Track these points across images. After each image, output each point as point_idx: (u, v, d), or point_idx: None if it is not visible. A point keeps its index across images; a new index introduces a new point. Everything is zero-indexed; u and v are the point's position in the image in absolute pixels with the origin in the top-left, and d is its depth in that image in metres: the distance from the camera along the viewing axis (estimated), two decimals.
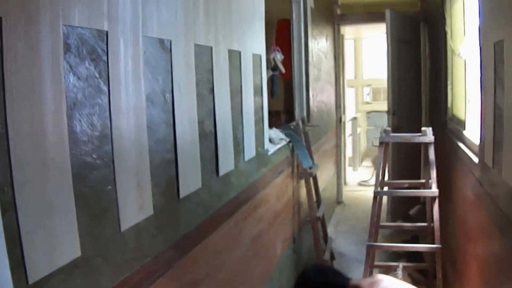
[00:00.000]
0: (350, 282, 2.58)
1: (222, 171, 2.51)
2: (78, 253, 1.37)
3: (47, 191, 1.25)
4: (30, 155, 1.20)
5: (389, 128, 4.52)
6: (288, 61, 5.04)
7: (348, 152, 9.38)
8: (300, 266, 4.45)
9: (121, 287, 1.59)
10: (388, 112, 6.14)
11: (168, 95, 1.93)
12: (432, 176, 4.05)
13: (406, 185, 4.98)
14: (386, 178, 5.04)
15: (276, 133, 3.94)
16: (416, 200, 6.60)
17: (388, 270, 4.36)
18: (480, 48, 2.87)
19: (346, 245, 5.94)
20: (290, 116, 5.14)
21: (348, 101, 9.32)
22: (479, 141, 2.89)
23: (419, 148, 5.79)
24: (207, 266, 2.35)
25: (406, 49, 6.38)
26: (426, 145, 4.16)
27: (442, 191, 3.98)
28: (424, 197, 5.25)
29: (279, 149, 3.82)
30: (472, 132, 3.45)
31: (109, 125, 1.53)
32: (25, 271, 1.18)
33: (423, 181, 4.80)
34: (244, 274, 2.94)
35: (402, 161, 6.24)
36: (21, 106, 1.17)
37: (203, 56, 2.29)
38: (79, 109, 1.39)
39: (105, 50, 1.51)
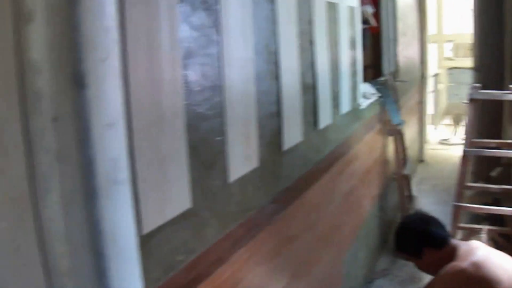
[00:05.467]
0: (450, 239, 2.49)
1: (321, 125, 2.48)
2: (188, 204, 1.36)
3: (162, 141, 1.24)
4: (148, 103, 1.19)
5: (479, 85, 4.31)
6: (375, 14, 4.88)
7: (429, 110, 9.10)
8: (385, 224, 4.39)
9: (226, 240, 1.59)
10: (474, 69, 5.88)
11: (273, 46, 1.89)
12: None
13: (493, 145, 4.77)
14: None
15: (367, 88, 3.85)
16: (497, 161, 6.35)
17: (472, 233, 4.23)
18: None
19: (428, 204, 5.81)
20: (377, 71, 4.99)
21: (429, 57, 8.99)
22: None
23: (501, 107, 5.53)
24: (304, 221, 2.33)
25: (489, 3, 6.06)
26: None
27: None
28: (507, 159, 5.01)
29: (371, 104, 3.73)
30: None
31: (220, 76, 1.50)
32: (140, 221, 1.17)
33: (510, 141, 4.58)
34: (336, 230, 2.92)
35: (484, 120, 6.00)
36: (139, 55, 1.15)
37: (304, 7, 2.24)
38: (193, 58, 1.37)
39: None
